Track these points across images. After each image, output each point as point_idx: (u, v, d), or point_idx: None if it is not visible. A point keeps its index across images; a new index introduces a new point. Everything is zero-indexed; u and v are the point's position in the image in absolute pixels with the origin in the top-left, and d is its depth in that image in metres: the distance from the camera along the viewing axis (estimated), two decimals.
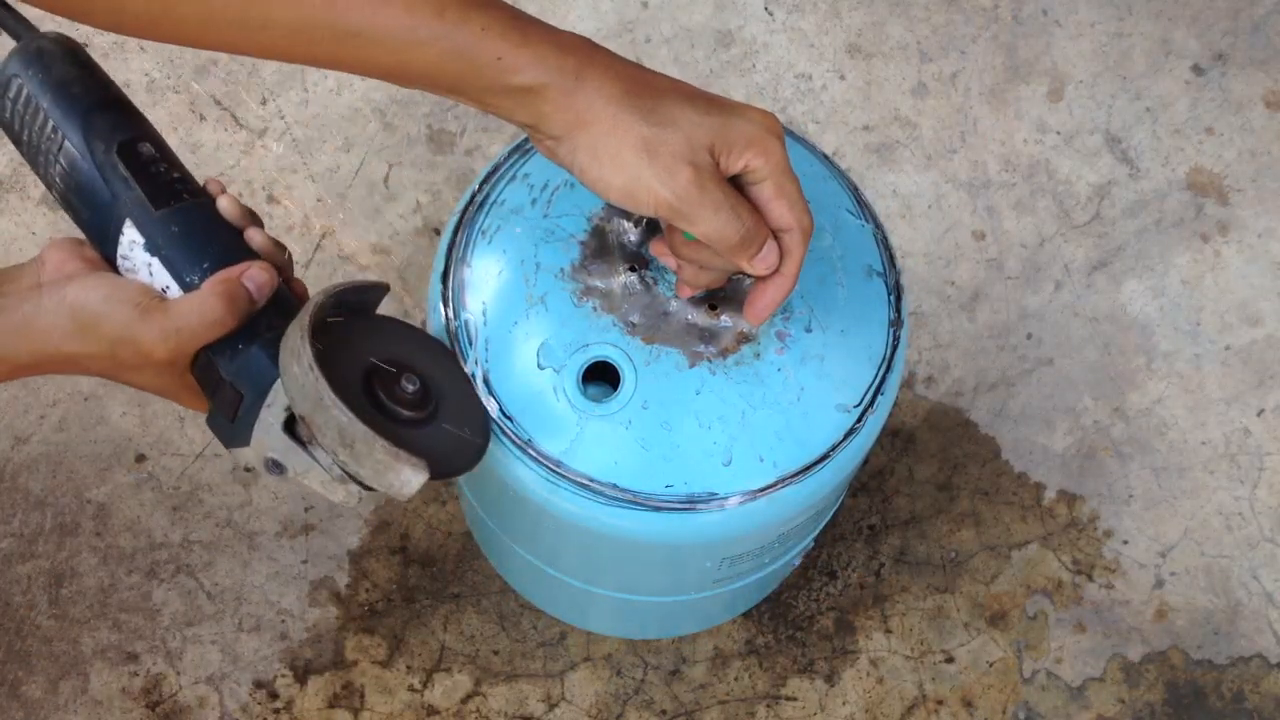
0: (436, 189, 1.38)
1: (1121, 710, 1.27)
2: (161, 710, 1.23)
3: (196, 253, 0.79)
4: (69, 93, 0.81)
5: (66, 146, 0.80)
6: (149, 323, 0.76)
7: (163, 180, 0.80)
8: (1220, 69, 1.45)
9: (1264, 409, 1.35)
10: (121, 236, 0.79)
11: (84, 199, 0.81)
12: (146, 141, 0.82)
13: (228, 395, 0.78)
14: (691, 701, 1.25)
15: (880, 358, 0.87)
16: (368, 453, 0.72)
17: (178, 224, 0.79)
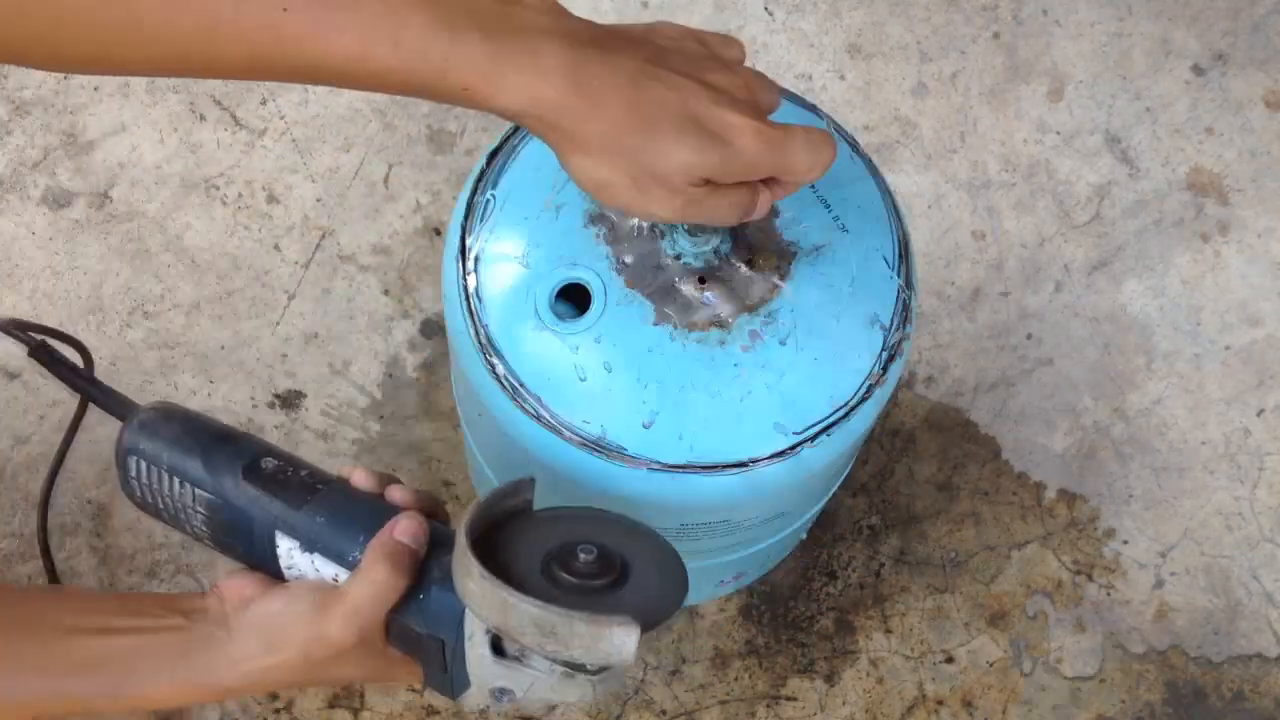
0: (436, 189, 1.38)
1: (1121, 710, 1.27)
2: (161, 711, 1.23)
3: (349, 532, 0.81)
4: (183, 448, 0.84)
5: (199, 494, 0.83)
6: (329, 615, 0.77)
7: (294, 483, 0.83)
8: (1220, 69, 1.45)
9: (1264, 409, 1.35)
10: (278, 549, 0.82)
11: (233, 533, 0.83)
12: (266, 456, 0.84)
13: (431, 647, 0.79)
14: (691, 701, 1.25)
15: (841, 402, 0.86)
16: (570, 632, 0.71)
17: (322, 514, 0.81)
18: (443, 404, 1.31)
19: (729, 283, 0.85)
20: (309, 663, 0.78)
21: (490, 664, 0.76)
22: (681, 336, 0.85)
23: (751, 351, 0.85)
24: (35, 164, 1.36)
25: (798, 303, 0.86)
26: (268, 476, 0.83)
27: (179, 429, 0.84)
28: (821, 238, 0.88)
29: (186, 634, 0.78)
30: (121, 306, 1.33)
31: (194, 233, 1.35)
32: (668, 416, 0.84)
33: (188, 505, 0.84)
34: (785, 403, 0.85)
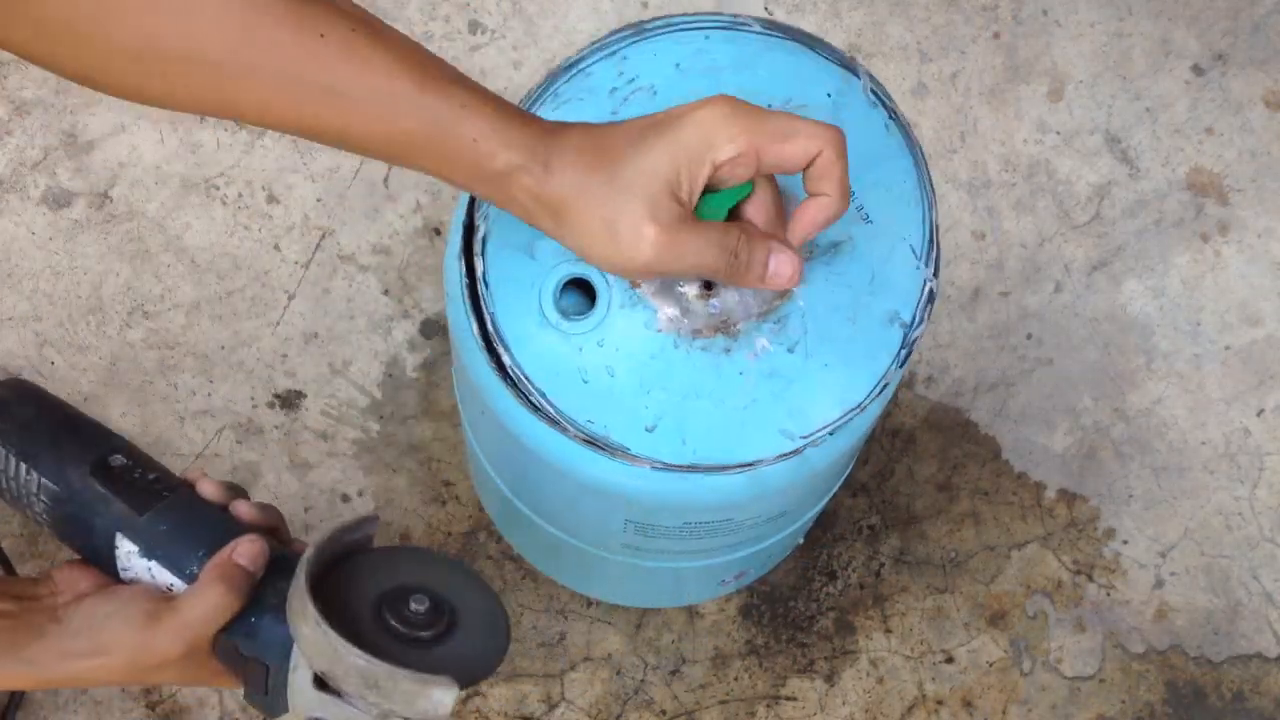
0: (436, 189, 1.38)
1: (1121, 710, 1.27)
2: (161, 710, 1.23)
3: (189, 544, 0.81)
4: (30, 434, 0.83)
5: (44, 483, 0.83)
6: (159, 628, 0.79)
7: (140, 486, 0.83)
8: (1220, 69, 1.45)
9: (1264, 409, 1.35)
10: (117, 550, 0.82)
11: (74, 527, 0.83)
12: (115, 453, 0.84)
13: (254, 670, 0.80)
14: (691, 701, 1.25)
15: (853, 405, 0.84)
16: (393, 687, 0.74)
17: (165, 522, 0.82)
18: (443, 404, 1.31)
19: (737, 289, 0.83)
20: (134, 667, 0.79)
21: (312, 695, 0.77)
22: (685, 344, 0.83)
23: (758, 360, 0.84)
24: (35, 164, 1.36)
25: (809, 307, 0.84)
26: (115, 475, 0.82)
27: (31, 411, 0.84)
28: (841, 233, 0.84)
29: (17, 620, 0.79)
30: (121, 306, 1.33)
31: (194, 233, 1.35)
32: (670, 422, 0.84)
33: (31, 492, 0.83)
34: (792, 410, 0.84)
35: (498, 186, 0.74)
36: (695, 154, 0.73)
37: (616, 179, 0.73)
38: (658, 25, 0.88)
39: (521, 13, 1.42)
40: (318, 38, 0.70)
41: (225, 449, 1.29)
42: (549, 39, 1.41)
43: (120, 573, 0.83)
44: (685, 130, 0.73)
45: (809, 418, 0.84)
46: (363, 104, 0.72)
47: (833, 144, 0.74)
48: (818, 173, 0.74)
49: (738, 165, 0.74)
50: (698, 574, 1.14)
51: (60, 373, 1.31)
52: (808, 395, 0.84)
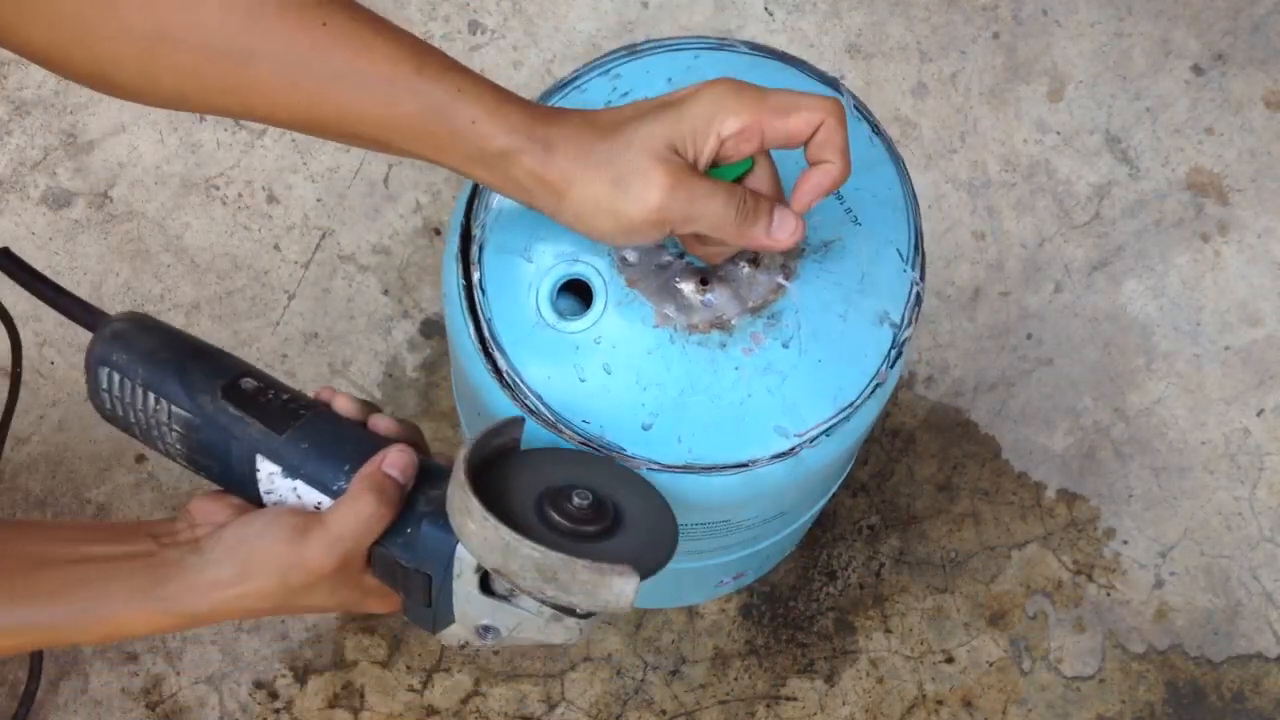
0: (436, 189, 1.38)
1: (1121, 710, 1.27)
2: (161, 710, 1.23)
3: (334, 460, 0.79)
4: (158, 361, 0.81)
5: (175, 411, 0.80)
6: (310, 541, 0.76)
7: (275, 406, 0.81)
8: (1220, 69, 1.45)
9: (1264, 409, 1.35)
10: (258, 473, 0.80)
11: (210, 454, 0.81)
12: (246, 376, 0.82)
13: (416, 581, 0.77)
14: (691, 701, 1.25)
15: (846, 403, 0.85)
16: (572, 578, 0.71)
17: (306, 440, 0.79)
18: (443, 404, 1.31)
19: (732, 283, 0.84)
20: (285, 589, 0.76)
21: (478, 601, 0.76)
22: (682, 339, 0.84)
23: (753, 354, 0.84)
24: (35, 164, 1.36)
25: (803, 303, 0.85)
26: (249, 397, 0.80)
27: (155, 342, 0.82)
28: (831, 232, 0.86)
29: (156, 559, 0.77)
30: (121, 306, 1.33)
31: (194, 233, 1.35)
32: (667, 419, 0.84)
33: (162, 422, 0.81)
34: (787, 406, 0.85)
35: (496, 168, 0.75)
36: (701, 127, 0.74)
37: (620, 143, 0.74)
38: (649, 45, 0.90)
39: (521, 13, 1.42)
40: (319, 26, 0.72)
41: None
42: (549, 39, 1.41)
43: (263, 496, 0.80)
44: (691, 106, 0.74)
45: (803, 415, 0.85)
46: (364, 90, 0.73)
47: (833, 114, 0.75)
48: (820, 141, 0.76)
49: (742, 140, 0.75)
50: (696, 575, 1.14)
51: (60, 373, 1.31)
52: (802, 392, 0.85)
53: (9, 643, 0.78)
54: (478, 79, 0.75)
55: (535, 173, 0.74)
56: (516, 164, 0.74)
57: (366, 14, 0.74)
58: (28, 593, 0.76)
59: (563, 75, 0.90)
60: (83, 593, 0.76)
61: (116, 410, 0.83)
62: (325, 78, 0.73)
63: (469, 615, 0.77)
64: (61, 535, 0.79)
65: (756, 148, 0.76)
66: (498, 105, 0.74)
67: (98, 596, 0.76)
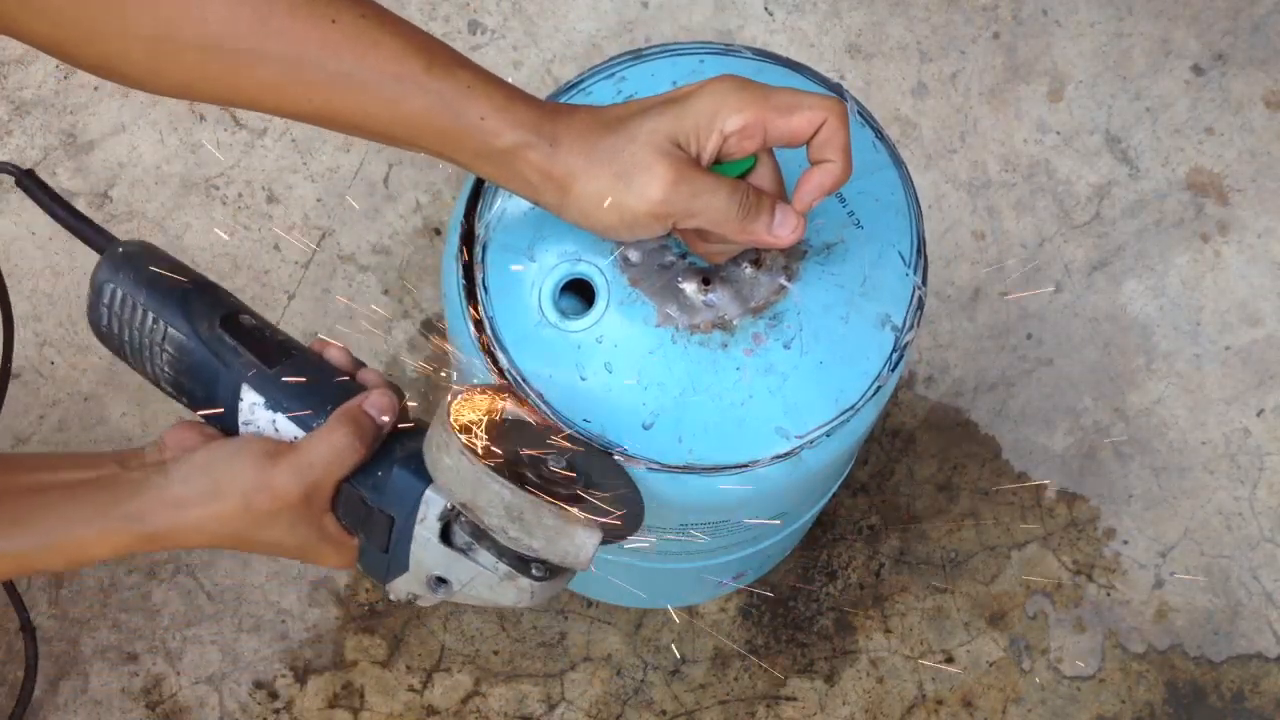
0: (436, 189, 1.38)
1: (1121, 709, 1.27)
2: (161, 710, 1.23)
3: (319, 399, 0.80)
4: (163, 285, 0.82)
5: (171, 333, 0.82)
6: (280, 465, 0.76)
7: (271, 342, 0.82)
8: (1220, 69, 1.45)
9: (1264, 409, 1.35)
10: (240, 402, 0.80)
11: (196, 377, 0.82)
12: (244, 314, 0.83)
13: (378, 523, 0.78)
14: (691, 701, 1.25)
15: (847, 405, 0.85)
16: (537, 521, 0.72)
17: (293, 376, 0.80)
18: None
19: (734, 284, 0.84)
20: (249, 513, 0.76)
21: (436, 549, 0.76)
22: (683, 339, 0.84)
23: (754, 355, 0.84)
24: (35, 164, 1.36)
25: (804, 304, 0.85)
26: (245, 331, 0.81)
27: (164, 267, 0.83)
28: (834, 235, 0.86)
29: (120, 480, 0.77)
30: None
31: (194, 233, 1.35)
32: (668, 419, 0.84)
33: (156, 342, 0.82)
34: (787, 407, 0.85)
35: (503, 164, 0.75)
36: (705, 123, 0.74)
37: (624, 137, 0.74)
38: (654, 50, 0.91)
39: (521, 13, 1.42)
40: (329, 23, 0.73)
41: None
42: (549, 39, 1.41)
43: (241, 427, 0.81)
44: (694, 103, 0.75)
45: (804, 417, 0.85)
46: (373, 86, 0.73)
47: (836, 113, 0.76)
48: (822, 141, 0.76)
49: (745, 137, 0.75)
50: (696, 574, 1.14)
51: (60, 373, 1.31)
52: (803, 393, 0.84)
53: None
54: (486, 76, 0.75)
55: (541, 168, 0.75)
56: (523, 160, 0.75)
57: (376, 10, 0.75)
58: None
59: (567, 77, 0.90)
60: (45, 518, 0.76)
61: (112, 328, 0.84)
62: (334, 75, 0.73)
63: (424, 564, 0.77)
64: (25, 464, 0.78)
65: (759, 145, 0.76)
66: (506, 102, 0.74)
67: (60, 520, 0.76)
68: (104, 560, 0.80)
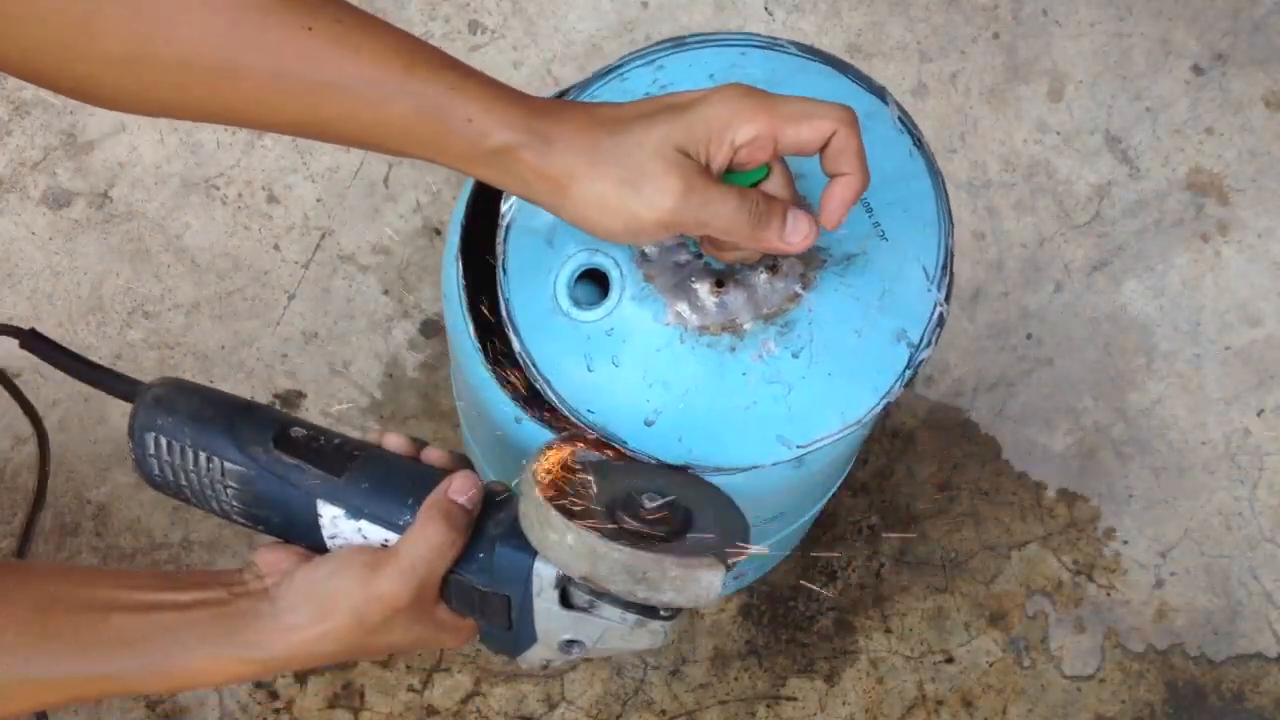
0: (436, 189, 1.38)
1: (1121, 710, 1.27)
2: (161, 710, 1.23)
3: (396, 496, 0.79)
4: (204, 420, 0.81)
5: (229, 467, 0.80)
6: (383, 574, 0.75)
7: (329, 450, 0.81)
8: (1220, 69, 1.45)
9: (1264, 409, 1.35)
10: (320, 519, 0.80)
11: (268, 506, 0.81)
12: (294, 426, 0.82)
13: (495, 605, 0.77)
14: (691, 701, 1.25)
15: (852, 420, 0.84)
16: (662, 576, 0.72)
17: (366, 479, 0.79)
18: (443, 404, 1.31)
19: (747, 288, 0.83)
20: (362, 626, 0.76)
21: (560, 616, 0.75)
22: (692, 339, 0.83)
23: (762, 361, 0.83)
24: (35, 164, 1.36)
25: (818, 314, 0.84)
26: (301, 445, 0.80)
27: (197, 402, 0.82)
28: (856, 246, 0.85)
29: (229, 607, 0.76)
30: (121, 306, 1.33)
31: (194, 233, 1.35)
32: (670, 418, 0.84)
33: (215, 480, 0.81)
34: (791, 416, 0.84)
35: (495, 165, 0.74)
36: (716, 134, 0.73)
37: (628, 142, 0.73)
38: (696, 39, 0.89)
39: (521, 13, 1.42)
40: (305, 31, 0.71)
41: None
42: (549, 39, 1.41)
43: (328, 541, 0.80)
44: (704, 111, 0.73)
45: (807, 427, 0.84)
46: (354, 93, 0.72)
47: (847, 122, 0.74)
48: (835, 152, 0.75)
49: (756, 148, 0.74)
50: None
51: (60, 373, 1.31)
52: (808, 404, 0.84)
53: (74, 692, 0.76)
54: (472, 74, 0.74)
55: (536, 168, 0.73)
56: (516, 160, 0.73)
57: (354, 14, 0.73)
58: (97, 639, 0.74)
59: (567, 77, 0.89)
60: (157, 641, 0.75)
61: (166, 475, 0.83)
62: (314, 84, 0.72)
63: (552, 632, 0.76)
64: (130, 582, 0.77)
65: (769, 156, 0.75)
66: (493, 101, 0.73)
67: (172, 645, 0.75)
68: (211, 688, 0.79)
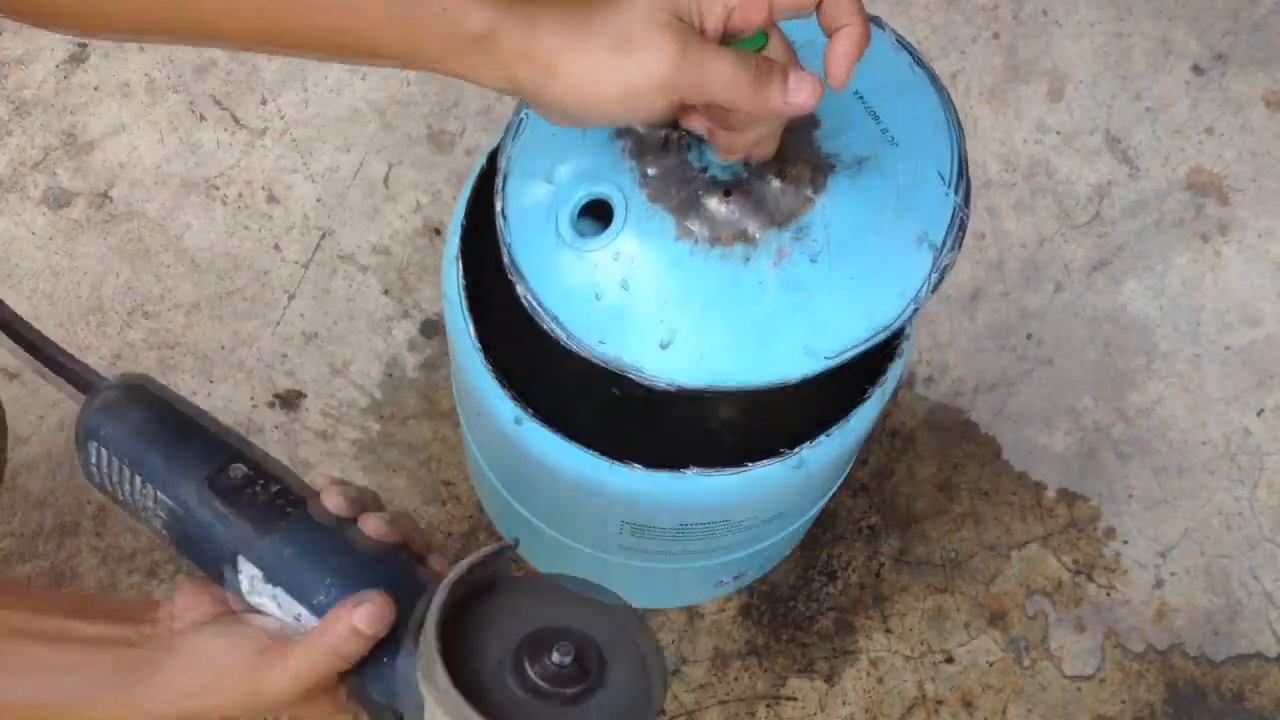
0: (436, 189, 1.38)
1: (1121, 710, 1.27)
2: None
3: (316, 572, 0.75)
4: (145, 438, 0.77)
5: (161, 498, 0.76)
6: (269, 672, 0.73)
7: (261, 502, 0.76)
8: (1220, 69, 1.45)
9: (1264, 409, 1.35)
10: (239, 575, 0.76)
11: (193, 546, 0.77)
12: (235, 462, 0.77)
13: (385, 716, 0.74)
14: (691, 701, 1.25)
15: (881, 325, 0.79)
16: None
17: (289, 546, 0.75)
18: (443, 404, 1.31)
19: (757, 196, 0.79)
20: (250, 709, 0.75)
21: None
22: (703, 253, 0.79)
23: (779, 269, 0.79)
24: (35, 164, 1.36)
25: (832, 217, 0.79)
26: (235, 489, 0.76)
27: (145, 416, 0.77)
28: (866, 149, 0.81)
29: (133, 655, 0.74)
30: (121, 306, 1.33)
31: (194, 233, 1.35)
32: (687, 337, 0.79)
33: (148, 506, 0.77)
34: (816, 324, 0.79)
35: (474, 53, 0.71)
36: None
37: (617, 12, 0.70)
38: None
39: None
40: None
41: None
42: None
43: (245, 595, 0.76)
44: None
45: (835, 335, 0.79)
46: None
47: None
48: (830, 5, 0.72)
49: (751, 9, 0.71)
50: (695, 575, 1.14)
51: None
52: (833, 309, 0.79)
53: None
54: None
55: (520, 50, 0.70)
56: (497, 44, 0.70)
57: None
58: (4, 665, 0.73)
59: None
60: (56, 675, 0.74)
61: (106, 486, 0.79)
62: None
63: None
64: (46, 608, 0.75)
65: (765, 17, 0.72)
66: None
67: (69, 682, 0.74)
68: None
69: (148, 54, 1.41)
